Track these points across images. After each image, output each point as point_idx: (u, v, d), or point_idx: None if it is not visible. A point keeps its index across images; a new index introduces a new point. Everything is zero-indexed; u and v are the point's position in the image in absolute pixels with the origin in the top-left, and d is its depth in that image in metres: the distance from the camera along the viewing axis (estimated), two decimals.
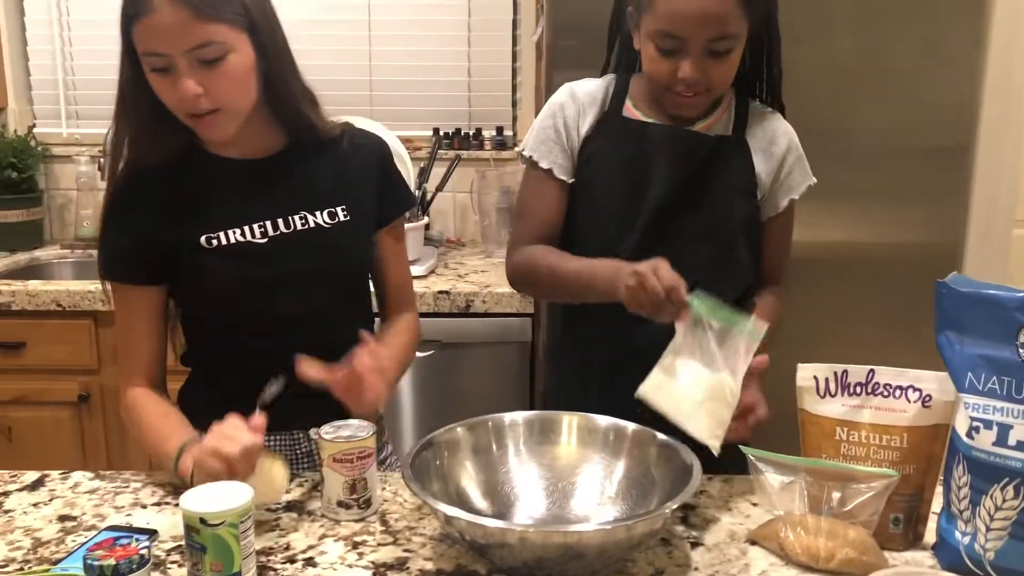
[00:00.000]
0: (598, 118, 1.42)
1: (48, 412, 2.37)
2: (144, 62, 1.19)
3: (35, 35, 2.91)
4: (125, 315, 1.33)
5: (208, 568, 0.98)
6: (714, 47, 1.28)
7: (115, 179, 1.30)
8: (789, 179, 1.44)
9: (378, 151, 1.41)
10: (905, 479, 1.09)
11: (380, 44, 2.89)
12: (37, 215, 2.83)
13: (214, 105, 1.20)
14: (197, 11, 1.15)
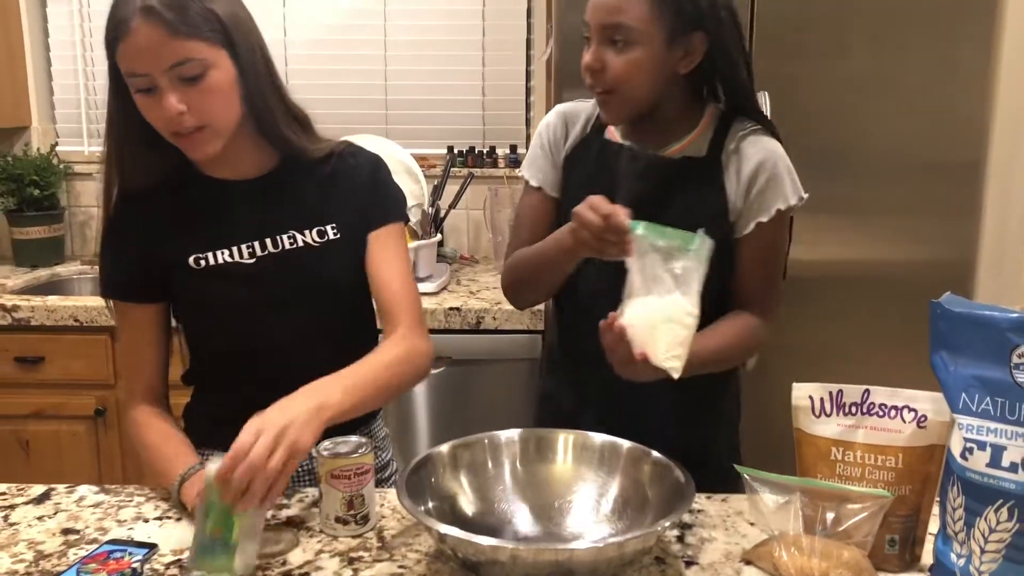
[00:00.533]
0: (580, 138, 1.45)
1: (65, 426, 2.41)
2: (129, 84, 1.20)
3: (59, 56, 2.98)
4: (127, 332, 1.36)
5: (208, 530, 1.02)
6: (610, 35, 1.29)
7: (110, 201, 1.32)
8: (758, 200, 1.37)
9: (370, 166, 1.39)
10: (901, 500, 1.08)
11: (395, 64, 2.92)
12: (58, 232, 2.88)
13: (198, 122, 1.20)
14: (173, 29, 1.15)
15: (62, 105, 3.01)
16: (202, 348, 1.39)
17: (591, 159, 1.43)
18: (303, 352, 1.32)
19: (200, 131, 1.21)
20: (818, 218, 2.15)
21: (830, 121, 2.11)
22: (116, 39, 1.17)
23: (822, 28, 2.07)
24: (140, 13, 1.15)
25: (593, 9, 1.30)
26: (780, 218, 1.38)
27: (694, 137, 1.40)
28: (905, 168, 2.12)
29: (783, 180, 1.38)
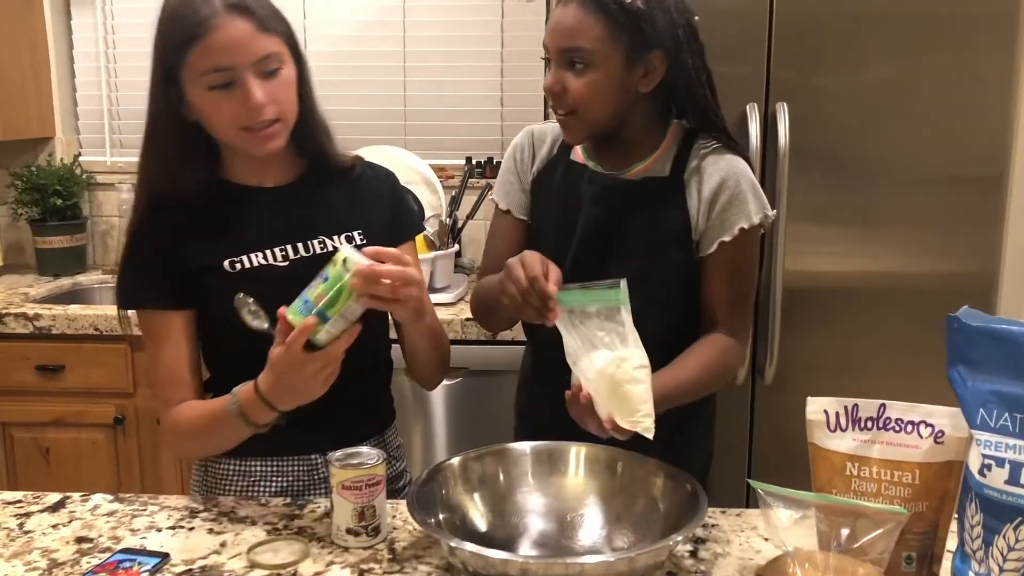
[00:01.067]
0: (545, 160, 1.46)
1: (85, 434, 2.43)
2: (201, 82, 1.22)
3: (82, 67, 3.01)
4: (160, 342, 1.33)
5: (314, 295, 1.10)
6: (569, 58, 1.29)
7: (138, 210, 1.33)
8: (720, 219, 1.35)
9: (389, 182, 1.46)
10: (918, 516, 1.06)
11: (414, 74, 2.93)
12: (81, 241, 2.91)
13: (275, 115, 1.25)
14: (260, 24, 1.22)
15: (85, 116, 3.05)
16: (228, 354, 1.37)
17: (557, 181, 1.44)
18: None
19: (274, 125, 1.26)
20: (837, 230, 2.14)
21: (850, 132, 2.09)
22: (195, 37, 1.20)
23: (841, 39, 2.06)
24: (227, 9, 1.21)
25: (551, 33, 1.31)
26: (744, 237, 1.35)
27: (657, 156, 1.39)
28: (926, 179, 2.10)
29: (745, 198, 1.35)
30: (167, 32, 1.24)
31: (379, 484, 1.19)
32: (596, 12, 1.27)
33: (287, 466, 1.38)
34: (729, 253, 1.36)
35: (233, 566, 1.14)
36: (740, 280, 1.39)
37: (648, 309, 1.35)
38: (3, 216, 2.95)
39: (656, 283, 1.37)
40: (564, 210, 1.41)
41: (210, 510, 1.30)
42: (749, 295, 1.42)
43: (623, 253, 1.38)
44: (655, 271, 1.37)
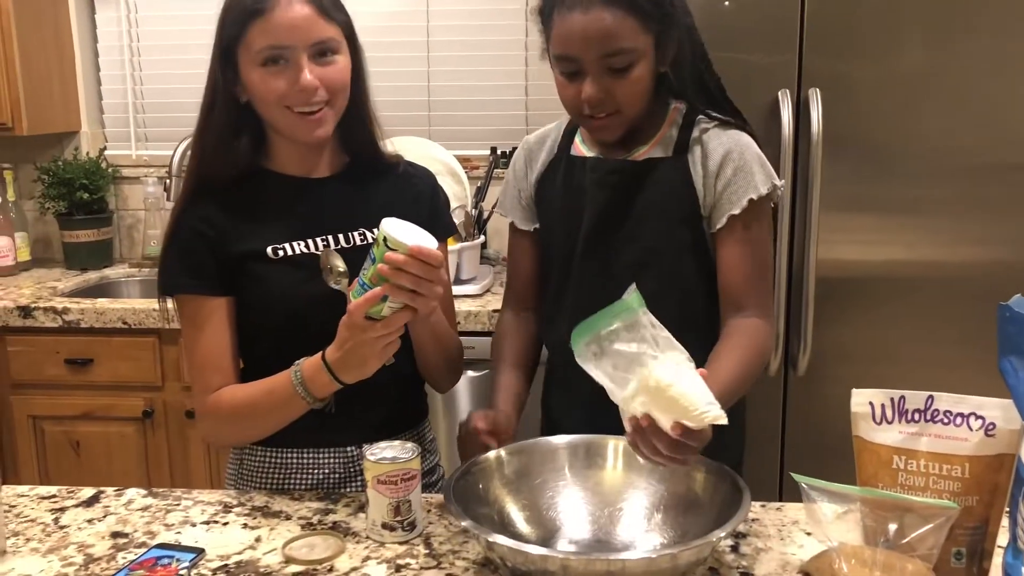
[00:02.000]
0: (547, 161, 1.45)
1: (114, 427, 2.44)
2: (256, 58, 1.25)
3: (107, 61, 3.02)
4: (204, 329, 1.32)
5: (368, 277, 1.14)
6: (611, 64, 1.25)
7: (186, 194, 1.34)
8: (727, 193, 1.32)
9: (429, 181, 1.47)
10: (967, 511, 1.04)
11: (438, 64, 2.91)
12: (107, 235, 2.92)
13: (326, 97, 1.27)
14: (322, 10, 1.25)
15: (110, 110, 3.05)
16: (263, 342, 1.36)
17: (559, 179, 1.43)
18: None
19: (323, 110, 1.28)
20: (871, 218, 2.10)
21: (884, 119, 2.05)
22: (257, 13, 1.24)
23: (875, 23, 2.01)
24: None
25: (582, 43, 1.24)
26: (754, 209, 1.32)
27: (659, 138, 1.37)
28: (962, 167, 2.06)
29: (751, 169, 1.32)
30: (230, 6, 1.27)
31: (414, 479, 1.18)
32: (626, 8, 1.23)
33: (323, 458, 1.38)
34: (741, 226, 1.32)
35: (269, 561, 1.13)
36: (756, 253, 1.35)
37: (662, 291, 1.33)
38: (30, 210, 2.96)
39: (668, 264, 1.36)
40: (569, 204, 1.40)
41: (244, 504, 1.30)
42: (767, 269, 1.38)
43: (632, 236, 1.36)
44: (666, 252, 1.36)
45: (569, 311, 1.40)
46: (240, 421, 1.32)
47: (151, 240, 2.91)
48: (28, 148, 2.94)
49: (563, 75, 1.30)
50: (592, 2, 1.23)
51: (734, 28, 2.02)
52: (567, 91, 1.30)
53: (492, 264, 2.78)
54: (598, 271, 1.37)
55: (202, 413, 1.34)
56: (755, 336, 1.32)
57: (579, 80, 1.27)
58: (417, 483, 1.18)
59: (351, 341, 1.18)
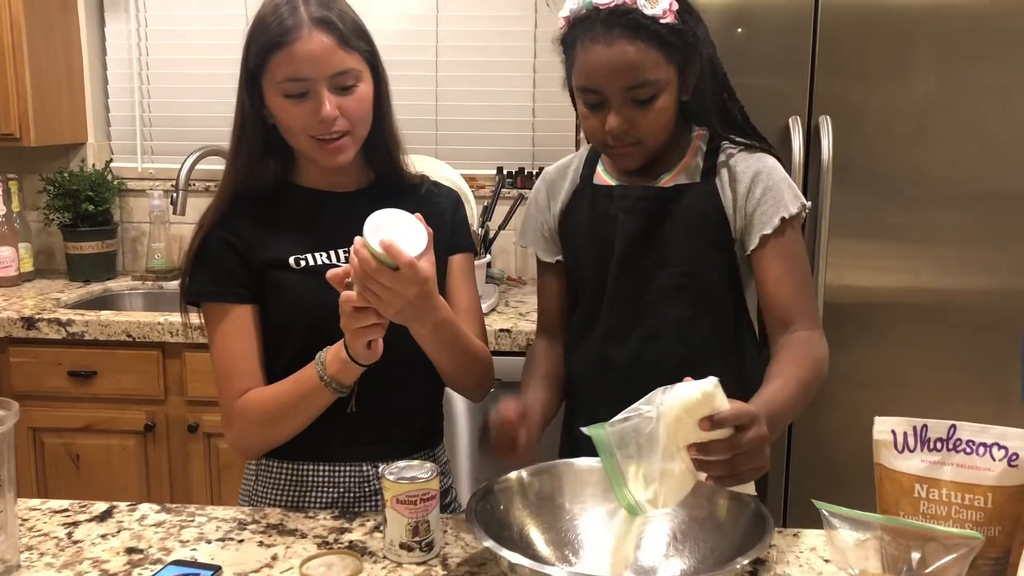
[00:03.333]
0: (571, 191, 1.45)
1: (115, 440, 2.42)
2: (278, 88, 1.27)
3: (116, 74, 3.02)
4: (228, 336, 1.33)
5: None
6: (634, 95, 1.25)
7: (218, 205, 1.35)
8: (757, 213, 1.32)
9: (453, 199, 1.48)
10: (990, 542, 1.04)
11: (446, 84, 2.93)
12: (111, 247, 2.91)
13: (347, 127, 1.29)
14: (342, 40, 1.26)
15: (117, 122, 3.05)
16: (286, 353, 1.36)
17: (585, 208, 1.43)
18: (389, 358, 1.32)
19: (343, 138, 1.30)
20: (880, 245, 2.11)
21: (894, 146, 2.07)
22: (279, 45, 1.25)
23: (886, 52, 2.04)
24: (314, 22, 1.25)
25: (606, 75, 1.24)
26: (786, 227, 1.32)
27: (684, 165, 1.38)
28: (970, 196, 2.08)
29: (780, 189, 1.32)
30: (254, 36, 1.28)
31: (433, 499, 1.17)
32: (649, 40, 1.24)
33: (339, 475, 1.37)
34: (777, 244, 1.31)
35: None
36: (796, 268, 1.33)
37: (696, 316, 1.35)
38: (35, 221, 2.96)
39: (701, 289, 1.36)
40: (598, 233, 1.40)
41: (259, 522, 1.29)
42: (809, 283, 1.36)
43: (664, 262, 1.36)
44: (699, 277, 1.36)
45: (600, 337, 1.40)
46: (269, 420, 1.31)
47: (155, 253, 2.90)
48: (34, 159, 2.94)
49: (586, 105, 1.30)
50: (615, 34, 1.23)
51: (746, 54, 2.04)
52: (590, 122, 1.31)
53: (497, 283, 2.78)
54: (631, 297, 1.37)
55: (230, 418, 1.34)
56: (808, 346, 1.28)
57: (602, 111, 1.28)
58: (436, 503, 1.18)
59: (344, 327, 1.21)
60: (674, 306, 1.34)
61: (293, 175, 1.40)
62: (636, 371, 1.36)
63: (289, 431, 1.33)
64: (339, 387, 1.26)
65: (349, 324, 1.20)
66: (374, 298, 1.16)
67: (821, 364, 1.27)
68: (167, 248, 2.90)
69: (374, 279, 1.14)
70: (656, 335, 1.36)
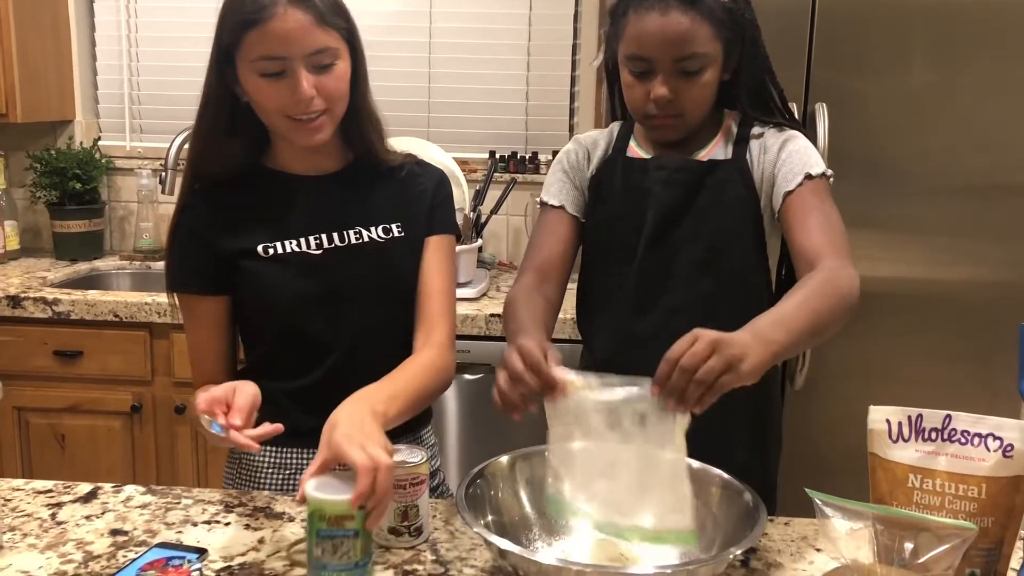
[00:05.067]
0: (603, 160, 1.46)
1: (101, 421, 2.40)
2: (253, 67, 1.23)
3: (104, 50, 2.98)
4: (195, 326, 1.36)
5: (359, 552, 1.00)
6: (683, 67, 1.29)
7: (184, 191, 1.33)
8: (783, 171, 1.33)
9: (436, 179, 1.44)
10: (983, 532, 1.03)
11: (439, 67, 2.90)
12: (99, 226, 2.88)
13: (324, 106, 1.25)
14: (319, 18, 1.22)
15: (106, 100, 3.01)
16: (262, 341, 1.37)
17: (617, 178, 1.43)
18: (365, 345, 1.33)
19: (321, 117, 1.26)
20: (872, 235, 2.10)
21: (889, 136, 2.06)
22: (254, 22, 1.20)
23: (884, 41, 2.02)
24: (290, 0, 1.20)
25: (658, 44, 1.28)
26: (812, 183, 1.30)
27: (716, 143, 1.40)
28: (964, 187, 2.07)
29: (808, 153, 1.34)
30: (228, 12, 1.24)
31: (422, 483, 1.16)
32: (702, 14, 1.28)
33: None
34: (804, 198, 1.30)
35: (273, 564, 1.11)
36: (826, 218, 1.29)
37: (723, 291, 1.35)
38: (21, 199, 2.92)
39: (729, 263, 1.36)
40: (629, 204, 1.40)
41: (245, 505, 1.27)
42: (842, 233, 1.29)
43: (695, 235, 1.37)
44: (728, 251, 1.37)
45: (626, 310, 1.40)
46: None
47: (143, 233, 2.87)
48: (21, 136, 2.90)
49: (632, 74, 1.33)
50: (670, 5, 1.27)
51: None
52: (635, 91, 1.33)
53: (488, 268, 2.77)
54: (659, 270, 1.38)
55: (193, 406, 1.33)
56: (829, 276, 1.20)
57: (648, 80, 1.31)
58: (425, 488, 1.17)
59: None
60: (701, 280, 1.35)
61: (266, 157, 1.36)
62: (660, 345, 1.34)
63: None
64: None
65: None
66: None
67: (843, 295, 1.19)
68: (155, 228, 2.87)
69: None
70: (682, 308, 1.36)
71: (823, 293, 1.17)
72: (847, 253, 1.26)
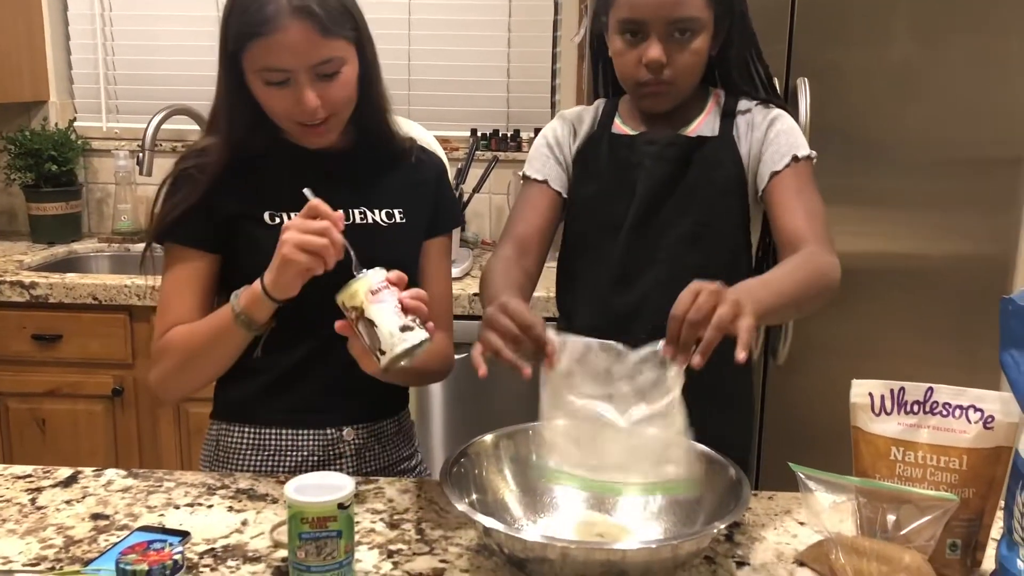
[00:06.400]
0: (587, 136, 1.45)
1: (82, 405, 2.38)
2: (258, 76, 1.23)
3: (77, 29, 2.93)
4: (175, 276, 1.32)
5: (343, 551, 0.99)
6: (676, 28, 1.29)
7: (188, 152, 1.32)
8: (770, 151, 1.34)
9: (438, 168, 1.46)
10: (964, 503, 1.04)
11: (419, 43, 2.87)
12: (76, 208, 2.84)
13: (328, 113, 1.25)
14: (323, 29, 1.19)
15: (80, 80, 2.97)
16: None
17: (603, 155, 1.42)
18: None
19: (326, 121, 1.26)
20: (854, 209, 2.11)
21: (871, 110, 2.06)
22: (257, 34, 1.19)
23: (865, 15, 2.02)
24: (293, 11, 1.18)
25: (654, 7, 1.28)
26: (798, 165, 1.32)
27: (703, 120, 1.40)
28: (946, 161, 2.07)
29: (795, 134, 1.35)
30: (231, 18, 1.23)
31: (398, 281, 1.15)
32: None
33: (302, 440, 1.35)
34: (788, 180, 1.32)
35: (257, 545, 1.11)
36: (809, 201, 1.31)
37: (710, 265, 1.33)
38: None
39: (716, 239, 1.36)
40: (617, 179, 1.39)
41: (228, 487, 1.27)
42: (823, 217, 1.32)
43: (682, 210, 1.37)
44: (715, 226, 1.36)
45: (606, 284, 1.39)
46: (184, 358, 1.29)
47: (121, 215, 2.84)
48: None
49: (624, 41, 1.32)
50: None
51: None
52: (626, 57, 1.32)
53: (471, 247, 2.75)
54: (646, 244, 1.37)
55: (154, 357, 1.33)
56: (810, 256, 1.24)
57: (640, 45, 1.30)
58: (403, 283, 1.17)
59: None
60: (689, 254, 1.35)
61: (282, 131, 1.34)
62: (641, 320, 1.35)
63: (202, 373, 1.31)
64: (248, 321, 1.21)
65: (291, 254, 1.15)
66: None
67: (823, 273, 1.23)
68: (134, 210, 2.84)
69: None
70: (667, 281, 1.32)
71: (807, 269, 1.21)
72: (829, 241, 1.29)
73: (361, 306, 1.12)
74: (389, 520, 1.18)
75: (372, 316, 1.12)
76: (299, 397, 1.34)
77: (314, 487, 1.00)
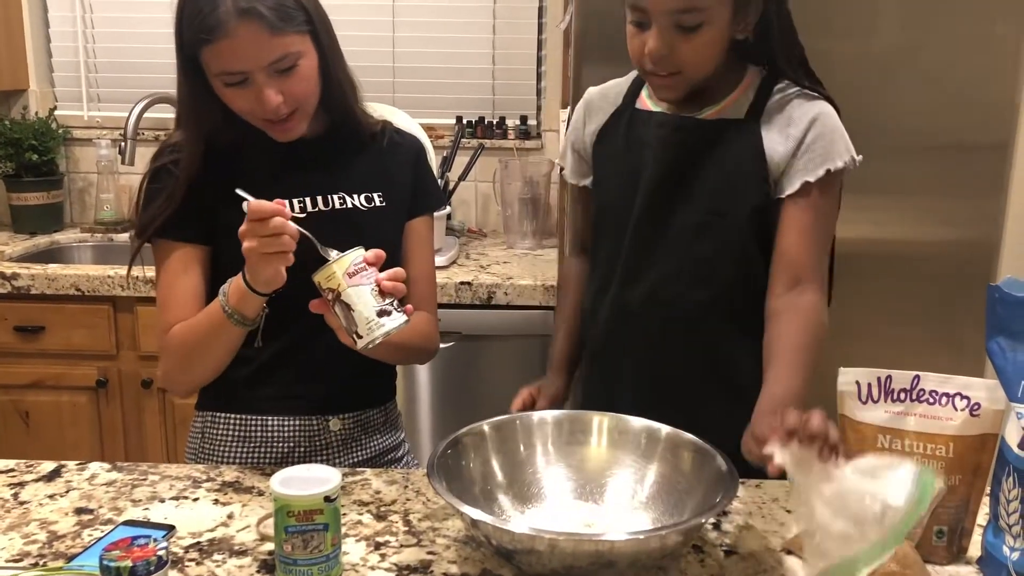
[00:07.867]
0: (612, 111, 1.40)
1: (66, 397, 2.36)
2: (217, 80, 1.22)
3: (57, 17, 2.89)
4: (170, 271, 1.31)
5: (330, 544, 0.99)
6: (680, 21, 1.20)
7: (162, 147, 1.32)
8: (804, 158, 1.26)
9: (415, 149, 1.45)
10: (950, 490, 1.04)
11: (404, 31, 2.85)
12: (57, 198, 2.81)
13: (291, 108, 1.25)
14: (273, 27, 1.19)
15: (61, 68, 2.93)
16: None
17: (621, 132, 1.38)
18: None
19: (291, 116, 1.26)
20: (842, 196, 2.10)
21: (856, 97, 2.04)
22: (206, 40, 1.18)
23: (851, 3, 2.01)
24: (239, 14, 1.17)
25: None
26: (828, 180, 1.27)
27: (733, 99, 1.31)
28: (931, 147, 2.07)
29: (834, 139, 1.27)
30: (182, 26, 1.22)
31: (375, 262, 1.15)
32: None
33: (287, 428, 1.35)
34: (813, 194, 1.26)
35: (243, 539, 1.10)
36: (823, 224, 1.29)
37: (718, 257, 1.30)
38: None
39: (727, 230, 1.29)
40: (629, 158, 1.35)
41: (213, 480, 1.26)
42: (828, 244, 1.32)
43: (693, 198, 1.30)
44: (726, 216, 1.29)
45: (619, 277, 1.35)
46: (186, 354, 1.29)
47: (104, 205, 2.81)
48: None
49: (632, 25, 1.26)
50: None
51: None
52: (633, 42, 1.26)
53: (458, 235, 2.74)
54: (653, 233, 1.32)
55: (160, 353, 1.33)
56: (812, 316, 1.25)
57: (646, 33, 1.23)
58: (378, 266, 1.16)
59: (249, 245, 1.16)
60: (696, 245, 1.30)
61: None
62: (651, 314, 1.32)
63: (205, 367, 1.30)
64: (241, 319, 1.21)
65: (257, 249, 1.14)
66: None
67: (822, 333, 1.26)
68: (116, 199, 2.81)
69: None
70: (674, 275, 1.31)
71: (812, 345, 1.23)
72: (823, 277, 1.30)
73: (338, 288, 1.12)
74: (376, 512, 1.17)
75: (348, 299, 1.12)
76: (284, 383, 1.34)
77: (300, 480, 0.99)
